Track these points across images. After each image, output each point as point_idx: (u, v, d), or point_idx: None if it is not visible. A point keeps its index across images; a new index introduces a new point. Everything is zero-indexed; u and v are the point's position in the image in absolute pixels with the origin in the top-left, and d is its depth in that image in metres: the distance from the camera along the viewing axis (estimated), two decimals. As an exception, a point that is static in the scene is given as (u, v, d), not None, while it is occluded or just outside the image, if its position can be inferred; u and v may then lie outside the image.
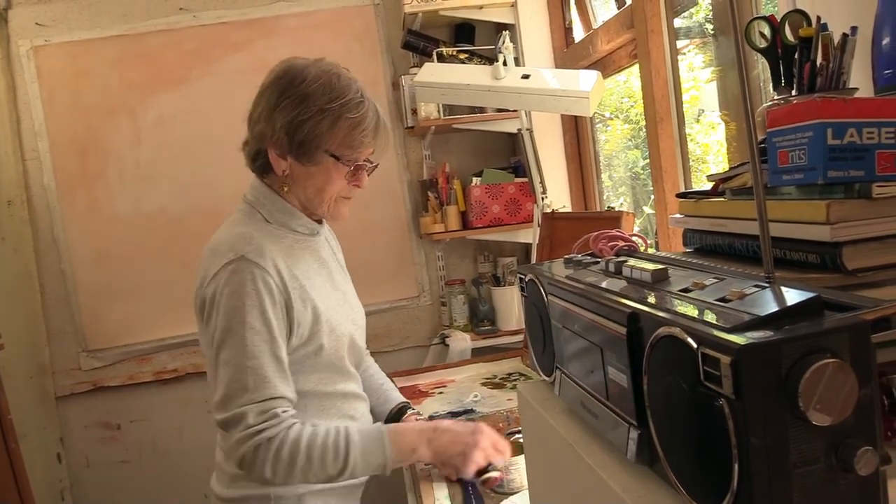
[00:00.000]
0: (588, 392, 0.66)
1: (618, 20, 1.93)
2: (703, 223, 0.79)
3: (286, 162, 1.22)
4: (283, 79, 1.23)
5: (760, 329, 0.42)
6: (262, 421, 1.12)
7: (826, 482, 0.41)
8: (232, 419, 1.12)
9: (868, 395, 0.41)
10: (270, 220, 1.26)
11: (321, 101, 1.19)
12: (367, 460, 1.16)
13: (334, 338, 1.25)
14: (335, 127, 1.19)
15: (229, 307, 1.14)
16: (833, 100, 0.61)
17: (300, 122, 1.18)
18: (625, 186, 2.50)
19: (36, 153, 2.68)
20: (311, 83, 1.20)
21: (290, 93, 1.20)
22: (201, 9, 2.73)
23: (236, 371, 1.12)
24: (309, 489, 1.23)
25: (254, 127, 1.24)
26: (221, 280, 1.16)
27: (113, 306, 2.72)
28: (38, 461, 2.53)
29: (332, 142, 1.20)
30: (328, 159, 1.21)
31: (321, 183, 1.23)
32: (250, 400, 1.12)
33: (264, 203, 1.27)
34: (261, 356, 1.13)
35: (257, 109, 1.24)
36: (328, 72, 1.22)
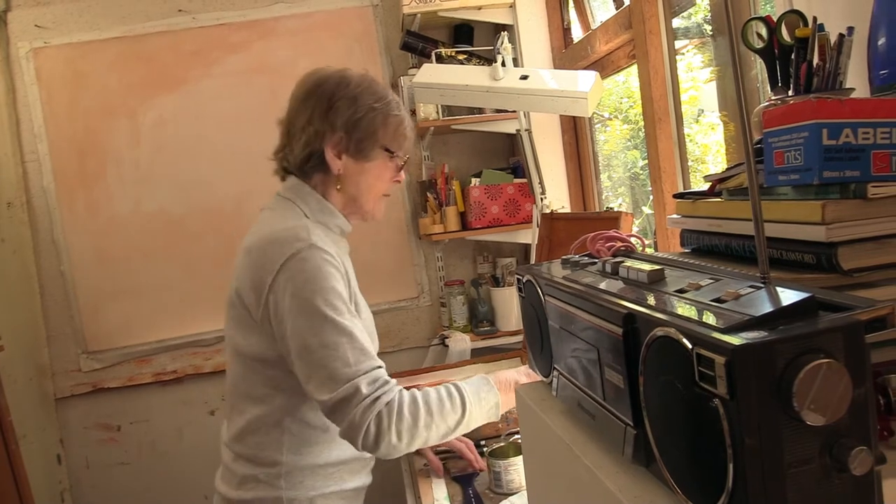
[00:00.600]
0: (585, 393, 0.66)
1: (616, 21, 1.93)
2: (700, 224, 0.80)
3: (341, 161, 1.28)
4: (326, 84, 1.29)
5: (755, 329, 0.42)
6: (375, 389, 1.12)
7: (821, 482, 0.41)
8: (345, 396, 1.11)
9: (862, 395, 0.41)
10: (310, 217, 1.29)
11: (370, 101, 1.27)
12: (482, 403, 1.20)
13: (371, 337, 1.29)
14: (386, 123, 1.29)
15: (308, 293, 1.14)
16: (829, 100, 0.61)
17: (357, 121, 1.26)
18: (624, 187, 2.50)
19: (35, 155, 2.68)
20: (356, 87, 1.28)
21: (340, 94, 1.26)
22: (200, 10, 2.73)
23: (334, 349, 1.12)
24: (320, 492, 1.25)
25: (303, 131, 1.28)
26: (293, 270, 1.16)
27: (112, 308, 2.73)
28: (38, 463, 2.53)
29: (385, 137, 1.30)
30: (382, 154, 1.31)
31: (373, 179, 1.31)
32: (357, 373, 1.12)
33: (307, 200, 1.30)
34: (353, 331, 1.15)
35: (304, 115, 1.28)
36: (365, 77, 1.31)
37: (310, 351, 1.13)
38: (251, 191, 2.76)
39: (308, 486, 1.24)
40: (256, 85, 2.75)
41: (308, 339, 1.13)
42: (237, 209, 2.77)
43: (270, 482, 1.23)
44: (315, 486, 1.25)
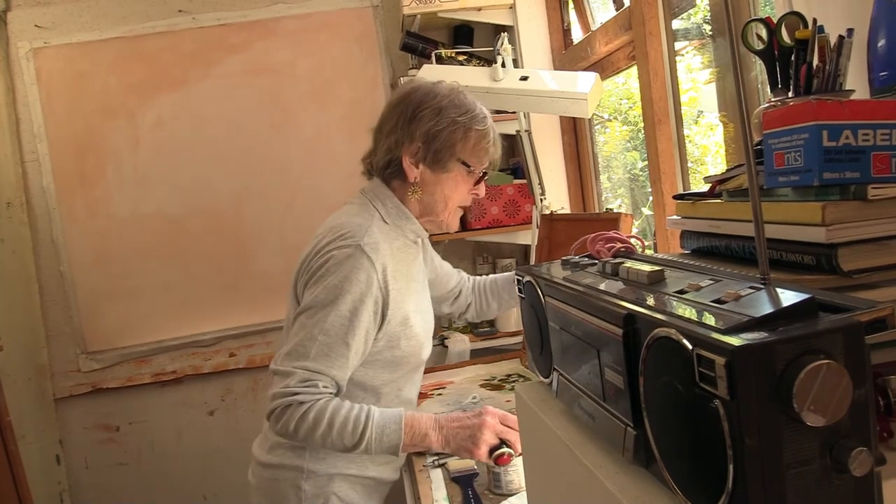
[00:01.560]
0: (585, 393, 0.66)
1: (616, 22, 1.93)
2: (700, 225, 0.80)
3: (418, 170, 1.33)
4: (415, 94, 1.33)
5: (755, 330, 0.42)
6: (303, 387, 1.21)
7: (821, 483, 0.41)
8: (282, 373, 1.22)
9: (862, 396, 0.41)
10: (387, 221, 1.35)
11: (453, 114, 1.30)
12: (382, 440, 1.24)
13: (414, 343, 1.36)
14: (466, 137, 1.32)
15: (330, 286, 1.23)
16: (829, 102, 0.61)
17: (436, 132, 1.30)
18: (623, 188, 2.50)
19: (35, 155, 2.68)
20: (443, 99, 1.31)
21: (425, 106, 1.30)
22: (200, 11, 2.73)
23: (307, 338, 1.23)
24: (340, 471, 1.34)
25: (387, 137, 1.34)
26: (335, 260, 1.25)
27: (112, 308, 2.73)
28: (37, 463, 2.53)
29: (464, 151, 1.33)
30: (458, 167, 1.34)
31: (449, 190, 1.35)
32: (304, 366, 1.22)
33: (385, 203, 1.36)
34: (334, 337, 1.22)
35: (389, 122, 1.34)
36: (454, 90, 1.35)
37: (298, 324, 1.25)
38: (250, 191, 2.77)
39: (329, 463, 1.33)
40: (256, 85, 2.75)
41: (304, 314, 1.24)
42: (237, 210, 2.77)
43: (296, 451, 1.33)
44: (336, 464, 1.33)
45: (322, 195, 2.75)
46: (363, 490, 1.38)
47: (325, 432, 1.21)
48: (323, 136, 2.78)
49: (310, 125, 2.78)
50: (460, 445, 1.29)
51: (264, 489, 1.37)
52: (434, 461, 1.57)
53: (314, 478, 1.33)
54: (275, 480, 1.35)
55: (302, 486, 1.32)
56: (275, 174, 2.76)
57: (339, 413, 1.22)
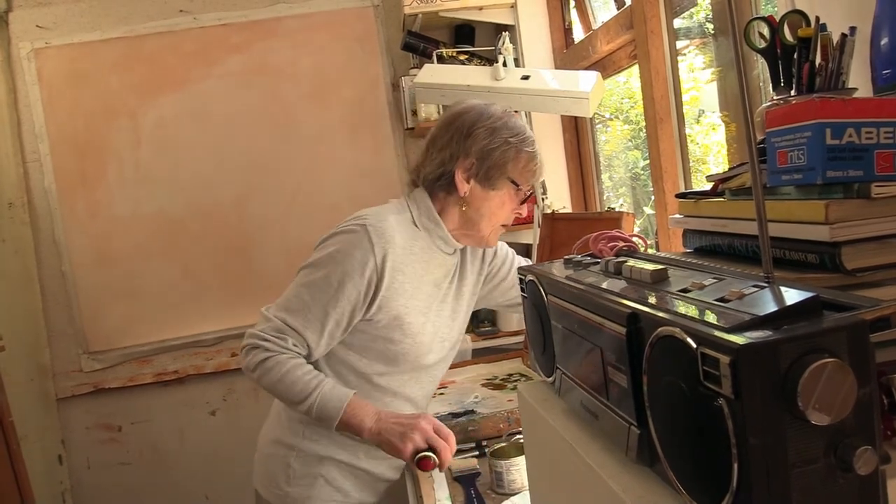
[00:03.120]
0: (588, 392, 0.66)
1: (617, 21, 1.93)
2: (703, 223, 0.80)
3: (469, 185, 1.37)
4: (470, 113, 1.38)
5: (759, 329, 0.42)
6: (272, 337, 1.28)
7: (825, 481, 0.41)
8: (264, 316, 1.31)
9: (867, 395, 0.41)
10: (417, 223, 1.39)
11: (507, 135, 1.35)
12: (321, 411, 1.27)
13: (410, 342, 1.37)
14: (518, 158, 1.36)
15: (329, 254, 1.30)
16: (832, 100, 0.61)
17: (490, 150, 1.34)
18: (625, 187, 2.50)
19: (36, 155, 2.68)
20: (497, 120, 1.36)
21: (480, 125, 1.35)
22: (201, 11, 2.73)
23: (295, 294, 1.31)
24: (330, 455, 1.37)
25: (440, 151, 1.38)
26: (340, 232, 1.33)
27: (113, 308, 2.73)
28: (39, 463, 2.53)
29: (514, 170, 1.37)
30: (508, 185, 1.38)
31: (496, 206, 1.39)
32: (283, 318, 1.29)
33: (419, 207, 1.41)
34: (316, 301, 1.28)
35: (444, 137, 1.38)
36: (507, 112, 1.41)
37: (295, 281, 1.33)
38: (252, 191, 2.77)
39: (323, 445, 1.37)
40: (257, 85, 2.75)
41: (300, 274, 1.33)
42: (238, 209, 2.77)
43: (295, 430, 1.38)
44: (330, 448, 1.37)
45: (323, 194, 2.75)
46: (355, 480, 1.40)
47: (276, 382, 1.27)
48: (324, 135, 2.78)
49: (311, 125, 2.78)
50: (389, 440, 1.28)
51: (261, 465, 1.43)
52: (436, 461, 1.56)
53: (304, 457, 1.37)
54: (269, 456, 1.41)
55: (291, 464, 1.37)
56: (276, 174, 2.76)
57: (295, 372, 1.27)
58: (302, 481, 1.37)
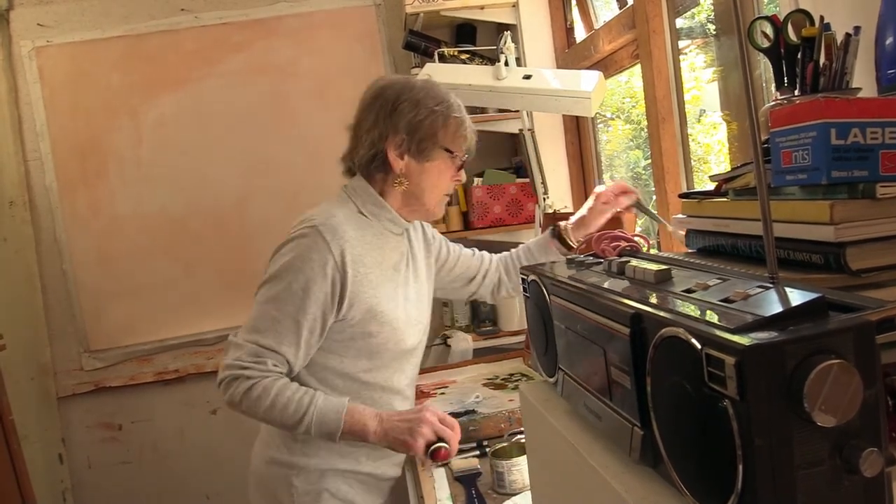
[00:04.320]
0: (591, 393, 0.66)
1: (619, 20, 1.93)
2: (706, 223, 0.79)
3: (403, 161, 1.35)
4: (391, 89, 1.36)
5: (765, 330, 0.42)
6: (251, 362, 1.24)
7: (831, 483, 0.41)
8: (234, 345, 1.27)
9: (873, 396, 0.41)
10: (363, 211, 1.38)
11: (431, 104, 1.34)
12: (321, 426, 1.25)
13: (389, 330, 1.34)
14: (446, 125, 1.35)
15: (285, 264, 1.27)
16: (836, 100, 0.61)
17: (419, 122, 1.33)
18: (626, 187, 2.49)
19: (38, 154, 2.68)
20: (419, 91, 1.35)
21: (403, 99, 1.33)
22: (203, 10, 2.73)
23: (261, 314, 1.27)
24: (332, 466, 1.33)
25: (368, 133, 1.35)
26: (292, 240, 1.30)
27: (114, 307, 2.73)
28: (40, 462, 2.53)
29: (445, 138, 1.36)
30: (442, 154, 1.36)
31: (434, 178, 1.38)
32: (255, 341, 1.25)
33: (361, 195, 1.39)
34: (284, 314, 1.25)
35: (369, 118, 1.35)
36: (427, 81, 1.40)
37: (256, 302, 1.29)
38: (253, 190, 2.76)
39: (321, 458, 1.33)
40: (258, 84, 2.75)
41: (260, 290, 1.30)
42: (239, 208, 2.77)
43: (289, 447, 1.34)
44: (329, 459, 1.33)
45: (324, 193, 2.72)
46: (360, 486, 1.37)
47: (267, 409, 1.23)
48: (325, 134, 2.77)
49: (312, 124, 2.77)
50: (398, 439, 1.27)
51: (260, 487, 1.39)
52: (437, 460, 1.56)
53: (305, 474, 1.32)
54: (269, 477, 1.36)
55: (293, 483, 1.33)
56: (277, 172, 2.75)
57: (284, 394, 1.24)
58: (306, 498, 1.32)
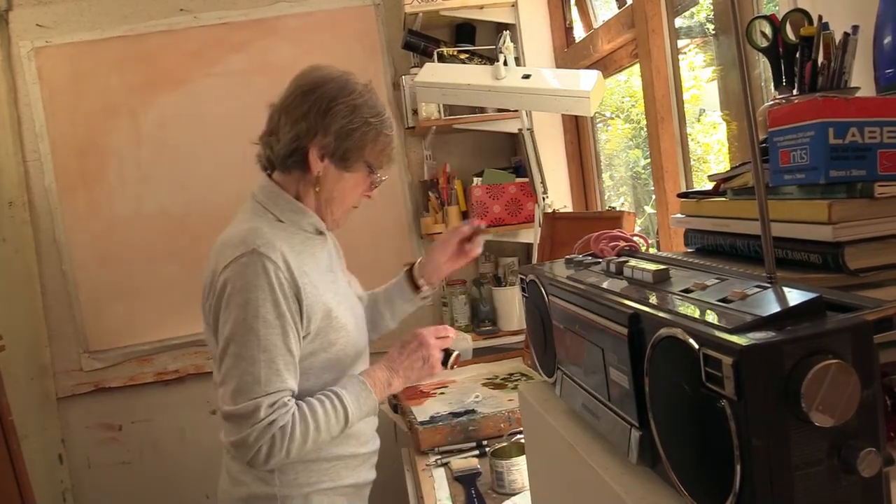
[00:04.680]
0: (589, 393, 0.66)
1: (618, 20, 1.93)
2: (705, 223, 0.79)
3: (322, 164, 1.28)
4: (331, 85, 1.28)
5: (762, 330, 0.42)
6: (272, 412, 1.15)
7: (829, 484, 0.41)
8: (244, 412, 1.15)
9: (871, 396, 0.41)
10: (282, 219, 1.30)
11: (367, 114, 1.27)
12: (362, 408, 1.24)
13: (344, 334, 1.30)
14: (376, 141, 1.30)
15: (242, 300, 1.17)
16: (835, 99, 0.61)
17: (350, 131, 1.26)
18: (626, 186, 2.49)
19: (37, 154, 2.68)
20: (358, 97, 1.28)
21: (341, 100, 1.26)
22: (202, 10, 2.73)
23: (250, 364, 1.16)
24: (315, 488, 1.27)
25: (295, 123, 1.27)
26: (233, 273, 1.18)
27: (114, 307, 2.72)
28: (40, 462, 2.53)
29: (372, 153, 1.30)
30: (363, 168, 1.31)
31: (348, 189, 1.32)
32: (263, 392, 1.15)
33: (277, 202, 1.31)
34: (274, 349, 1.17)
35: (300, 108, 1.27)
36: (368, 87, 1.32)
37: (229, 356, 1.17)
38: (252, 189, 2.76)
39: (302, 482, 1.26)
40: (258, 84, 2.75)
41: (232, 344, 1.17)
42: (238, 208, 2.76)
43: (264, 479, 1.25)
44: (309, 481, 1.27)
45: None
46: (345, 500, 1.32)
47: (315, 437, 1.18)
48: (325, 134, 2.78)
49: (311, 124, 2.77)
50: (419, 374, 1.32)
51: None
52: (437, 461, 1.57)
53: (289, 501, 1.26)
54: None
55: None
56: (276, 173, 2.75)
57: (318, 412, 1.19)
58: None
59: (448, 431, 1.62)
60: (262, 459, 1.16)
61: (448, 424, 1.63)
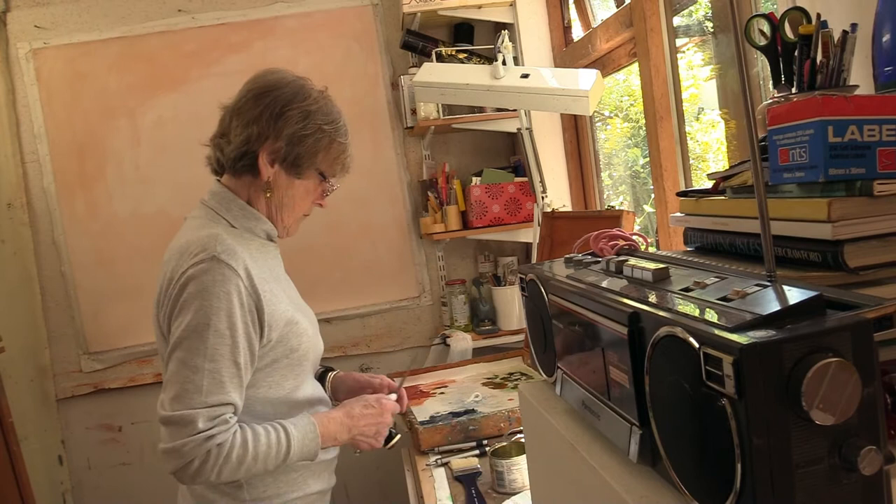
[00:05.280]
0: (589, 392, 0.66)
1: (617, 19, 1.93)
2: (704, 222, 0.79)
3: (272, 169, 1.25)
4: (285, 89, 1.26)
5: (763, 328, 0.42)
6: (212, 427, 1.11)
7: (829, 482, 0.41)
8: (181, 419, 1.11)
9: (871, 394, 0.41)
10: (235, 225, 1.27)
11: (321, 121, 1.25)
12: (303, 451, 1.20)
13: (306, 339, 1.27)
14: (329, 148, 1.27)
15: (197, 307, 1.14)
16: (834, 97, 0.60)
17: (302, 137, 1.23)
18: (625, 185, 2.49)
19: (35, 156, 2.68)
20: (313, 103, 1.25)
21: (294, 105, 1.24)
22: (200, 10, 2.73)
23: (193, 372, 1.12)
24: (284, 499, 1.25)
25: (246, 127, 1.24)
26: (192, 279, 1.15)
27: (113, 308, 2.72)
28: (40, 463, 2.52)
29: (324, 161, 1.28)
30: (314, 176, 1.28)
31: (299, 196, 1.29)
32: (203, 403, 1.11)
33: (230, 208, 1.28)
34: (220, 360, 1.13)
35: (252, 111, 1.25)
36: (323, 94, 1.30)
37: (174, 361, 1.14)
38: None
39: (271, 494, 1.24)
40: (256, 85, 2.75)
41: (178, 349, 1.14)
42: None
43: (232, 494, 1.22)
44: (279, 492, 1.24)
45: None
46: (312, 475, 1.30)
47: (250, 465, 1.14)
48: (323, 134, 2.77)
49: (310, 124, 2.77)
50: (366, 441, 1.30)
51: None
52: (437, 461, 1.57)
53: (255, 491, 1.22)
54: None
55: None
56: (275, 173, 2.75)
57: (260, 442, 1.15)
58: None
59: (448, 431, 1.62)
60: (192, 473, 1.11)
61: (448, 424, 1.63)
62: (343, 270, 2.77)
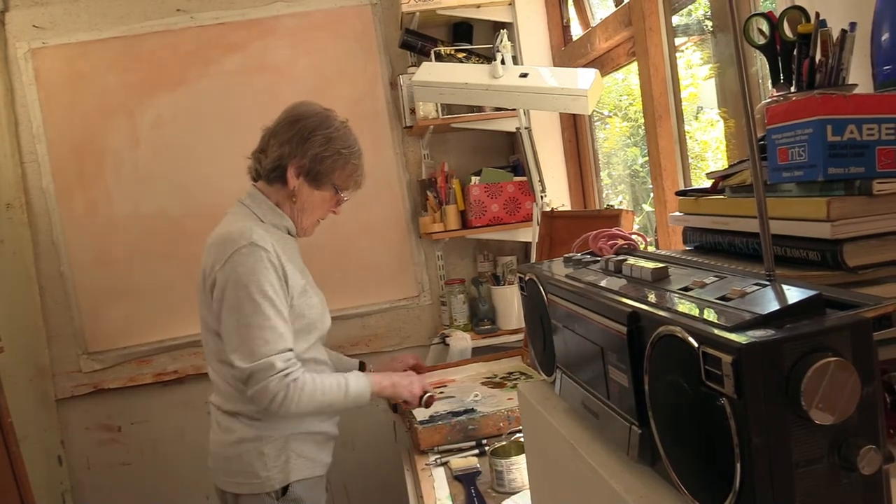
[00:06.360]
0: (589, 391, 0.66)
1: (616, 18, 1.93)
2: (703, 221, 0.79)
3: (297, 180, 1.58)
4: (313, 118, 1.58)
5: (762, 328, 0.42)
6: (288, 367, 1.42)
7: (829, 481, 0.41)
8: (261, 367, 1.40)
9: (870, 394, 0.41)
10: (264, 220, 1.58)
11: (339, 146, 1.58)
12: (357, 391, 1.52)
13: (316, 312, 1.57)
14: (345, 168, 1.60)
15: (247, 281, 1.43)
16: (833, 96, 0.60)
17: (323, 157, 1.56)
18: (624, 184, 2.49)
19: (34, 155, 2.67)
20: (334, 131, 1.58)
21: (319, 132, 1.57)
22: (199, 10, 2.72)
23: (258, 329, 1.42)
24: (294, 431, 1.52)
25: (280, 146, 1.57)
26: (237, 262, 1.45)
27: (113, 308, 2.72)
28: (39, 464, 2.52)
29: (340, 178, 1.61)
30: (331, 189, 1.61)
31: (317, 204, 1.63)
32: (274, 350, 1.42)
33: (261, 207, 1.60)
34: (274, 318, 1.44)
35: (286, 134, 1.57)
36: (345, 125, 1.63)
37: (239, 326, 1.43)
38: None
39: (284, 426, 1.51)
40: (255, 84, 2.74)
41: (238, 317, 1.44)
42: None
43: (250, 425, 1.51)
44: (290, 425, 1.52)
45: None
46: (315, 445, 1.57)
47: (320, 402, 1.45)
48: (322, 134, 2.77)
49: (309, 124, 2.76)
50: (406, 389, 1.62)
51: (230, 466, 1.53)
52: (437, 460, 1.57)
53: (272, 441, 1.50)
54: (238, 456, 1.52)
55: (264, 451, 1.50)
56: (274, 173, 2.74)
57: (326, 381, 1.47)
58: (277, 462, 1.50)
59: (447, 431, 1.62)
60: (278, 404, 1.41)
61: (447, 423, 1.63)
62: (342, 270, 2.77)
